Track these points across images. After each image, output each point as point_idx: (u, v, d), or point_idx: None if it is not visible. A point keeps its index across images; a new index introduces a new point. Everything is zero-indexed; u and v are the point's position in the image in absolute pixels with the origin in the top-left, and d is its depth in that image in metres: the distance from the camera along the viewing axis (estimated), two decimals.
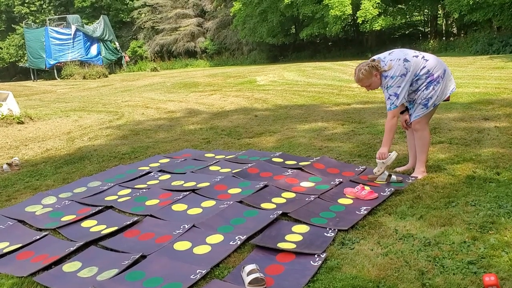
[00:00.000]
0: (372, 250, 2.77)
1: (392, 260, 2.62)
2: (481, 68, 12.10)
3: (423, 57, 3.89)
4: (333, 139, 5.67)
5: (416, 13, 27.22)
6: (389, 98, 3.84)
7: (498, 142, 4.83)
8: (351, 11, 21.41)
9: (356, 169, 4.34)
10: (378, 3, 21.52)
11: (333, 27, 22.22)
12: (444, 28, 27.03)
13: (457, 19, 21.69)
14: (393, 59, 3.86)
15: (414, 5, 24.15)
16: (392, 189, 3.70)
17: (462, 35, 23.92)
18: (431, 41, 23.69)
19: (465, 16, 18.73)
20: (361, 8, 21.51)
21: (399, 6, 24.47)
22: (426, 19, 27.97)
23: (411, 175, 4.05)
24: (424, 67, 3.84)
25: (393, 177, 3.91)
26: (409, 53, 3.91)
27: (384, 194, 3.62)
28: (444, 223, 3.04)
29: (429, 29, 27.07)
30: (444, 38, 24.87)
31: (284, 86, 12.66)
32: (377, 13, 21.51)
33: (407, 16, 25.85)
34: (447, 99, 4.03)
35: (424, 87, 3.87)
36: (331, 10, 21.32)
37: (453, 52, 20.09)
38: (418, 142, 4.04)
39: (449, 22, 26.49)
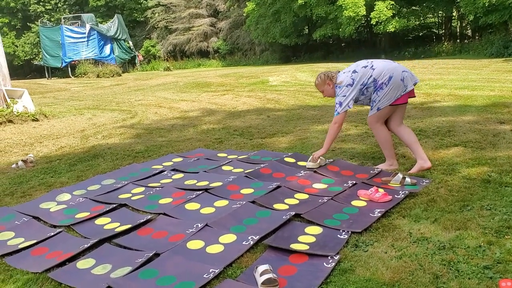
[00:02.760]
0: (386, 253, 2.76)
1: (406, 263, 2.61)
2: (496, 71, 11.97)
3: (372, 66, 4.24)
4: (346, 141, 5.65)
5: (430, 15, 27.01)
6: (335, 106, 4.32)
7: None
8: (364, 12, 21.32)
9: (371, 172, 4.31)
10: (392, 4, 21.41)
11: (347, 28, 22.15)
12: (458, 31, 26.81)
13: (472, 21, 21.47)
14: (346, 71, 4.33)
15: (428, 6, 23.95)
16: (406, 191, 3.68)
17: (477, 37, 23.69)
18: (445, 44, 23.49)
19: (480, 18, 18.54)
20: (375, 9, 21.42)
21: (413, 7, 24.30)
22: (441, 21, 27.77)
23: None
24: (371, 76, 4.20)
25: (407, 179, 3.89)
26: (361, 64, 4.32)
27: (398, 196, 3.59)
28: (459, 227, 3.01)
29: (443, 31, 26.88)
30: (458, 41, 24.65)
31: (297, 86, 12.64)
32: (391, 14, 21.39)
33: (421, 18, 25.68)
34: (403, 102, 4.28)
35: (373, 91, 4.26)
36: (345, 11, 21.25)
37: (468, 55, 19.91)
38: (377, 139, 4.48)
39: (464, 24, 26.26)
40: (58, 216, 3.82)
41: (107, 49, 30.00)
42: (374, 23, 21.94)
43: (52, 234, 3.43)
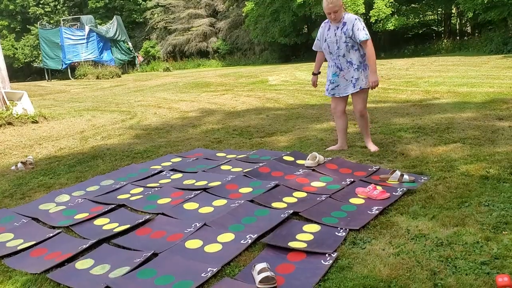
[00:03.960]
0: (384, 250, 2.76)
1: (403, 260, 2.61)
2: (495, 68, 11.97)
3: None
4: None
5: (430, 12, 27.01)
6: (363, 29, 4.59)
7: None
8: (364, 10, 21.33)
9: (369, 169, 4.31)
10: (391, 2, 21.42)
11: None
12: (458, 28, 26.79)
13: (471, 18, 21.48)
14: None
15: (427, 4, 23.96)
16: (404, 189, 3.68)
17: (476, 34, 23.67)
18: (445, 41, 23.50)
19: (479, 15, 18.53)
20: (374, 7, 21.43)
21: (413, 5, 24.29)
22: (440, 18, 27.76)
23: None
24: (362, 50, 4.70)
25: (405, 176, 3.89)
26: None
27: (396, 194, 3.60)
28: (457, 223, 3.01)
29: (442, 28, 26.86)
30: (458, 38, 24.65)
31: (296, 85, 12.65)
32: (390, 12, 21.41)
33: (421, 16, 25.67)
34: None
35: (362, 67, 4.73)
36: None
37: (467, 52, 19.91)
38: (366, 122, 4.98)
39: (463, 22, 26.24)
40: (57, 217, 3.82)
41: (106, 50, 30.01)
42: (373, 21, 21.94)
43: (51, 235, 3.44)
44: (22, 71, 38.28)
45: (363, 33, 4.56)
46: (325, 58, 5.00)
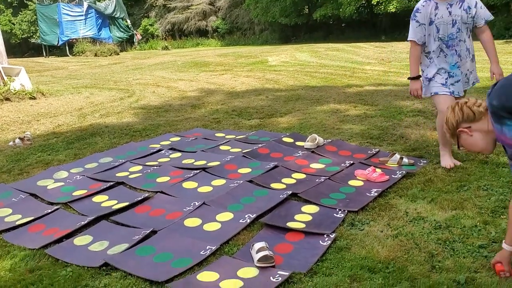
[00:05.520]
0: (382, 231, 2.77)
1: (402, 242, 2.62)
2: (497, 53, 11.88)
3: None
4: (345, 121, 5.63)
5: None
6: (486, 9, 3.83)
7: None
8: None
9: (369, 152, 4.30)
10: None
11: (347, 8, 21.93)
12: None
13: None
14: None
15: None
16: (404, 171, 3.68)
17: None
18: None
19: None
20: None
21: None
22: None
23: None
24: None
25: (405, 159, 3.89)
26: None
27: (395, 176, 3.60)
28: (456, 206, 3.02)
29: None
30: None
31: (296, 67, 12.56)
32: None
33: None
34: None
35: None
36: None
37: None
38: None
39: None
40: (56, 194, 3.82)
41: (105, 27, 29.68)
42: (374, 3, 21.70)
43: (50, 211, 3.44)
44: (19, 47, 37.83)
45: (488, 12, 3.74)
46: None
